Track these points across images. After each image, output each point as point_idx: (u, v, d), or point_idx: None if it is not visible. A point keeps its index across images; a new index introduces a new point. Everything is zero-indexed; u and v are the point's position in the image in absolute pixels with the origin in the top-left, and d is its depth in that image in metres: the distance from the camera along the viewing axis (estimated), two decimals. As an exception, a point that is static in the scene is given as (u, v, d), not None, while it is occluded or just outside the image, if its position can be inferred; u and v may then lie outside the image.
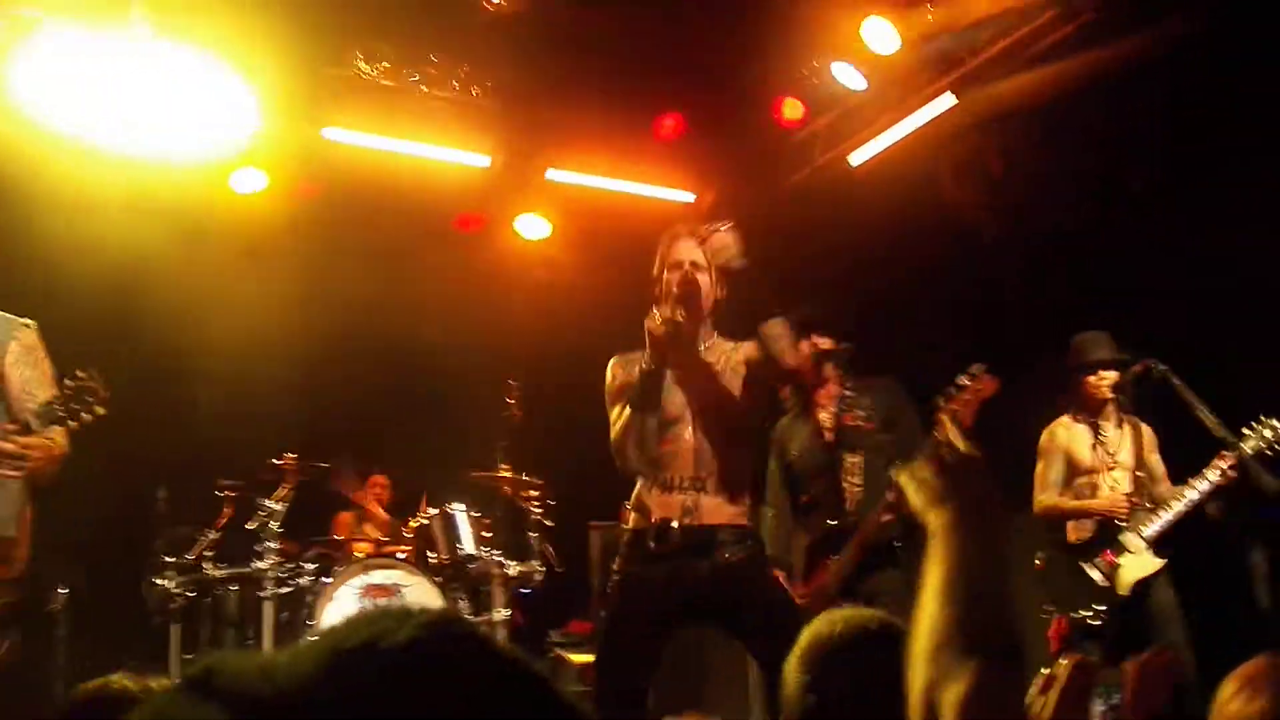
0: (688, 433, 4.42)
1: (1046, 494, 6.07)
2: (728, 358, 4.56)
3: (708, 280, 4.51)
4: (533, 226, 8.61)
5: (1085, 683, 1.76)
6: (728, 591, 4.35)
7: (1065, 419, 6.16)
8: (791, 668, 2.14)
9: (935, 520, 1.68)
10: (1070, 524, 6.03)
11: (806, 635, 2.19)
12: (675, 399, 4.44)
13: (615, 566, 4.56)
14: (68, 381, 4.05)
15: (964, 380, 4.70)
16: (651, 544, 4.34)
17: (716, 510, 4.39)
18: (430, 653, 0.66)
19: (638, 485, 4.50)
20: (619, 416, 4.42)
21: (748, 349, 4.54)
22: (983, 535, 1.64)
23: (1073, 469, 6.08)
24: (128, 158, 6.77)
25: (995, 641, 1.51)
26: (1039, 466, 6.15)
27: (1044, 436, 6.18)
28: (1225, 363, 5.96)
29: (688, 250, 4.52)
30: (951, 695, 1.43)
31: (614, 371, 4.56)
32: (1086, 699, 1.74)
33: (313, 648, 0.69)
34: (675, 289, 4.40)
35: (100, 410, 4.03)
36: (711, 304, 4.55)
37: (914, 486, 1.75)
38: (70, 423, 4.07)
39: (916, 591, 1.64)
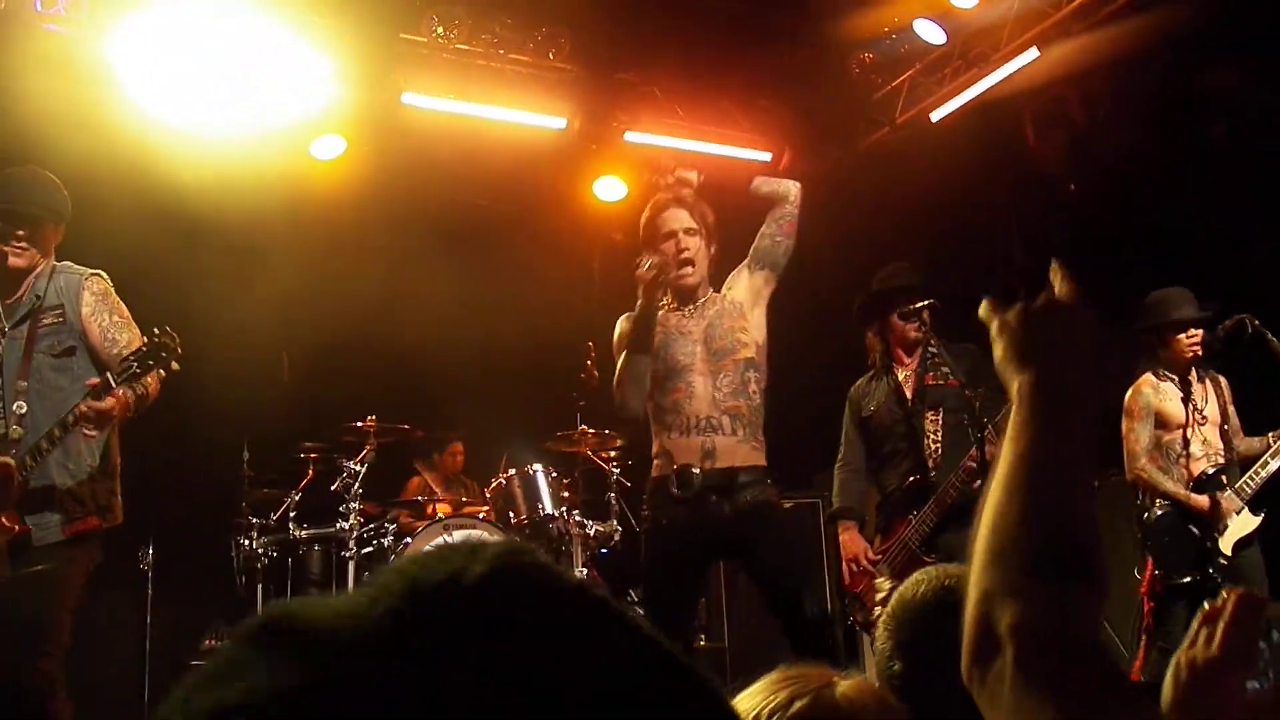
0: (699, 379, 4.58)
1: (1141, 462, 5.97)
2: (725, 299, 4.74)
3: (699, 241, 4.66)
4: (610, 189, 8.59)
5: (1254, 617, 1.62)
6: (746, 531, 4.52)
7: (1149, 377, 6.05)
8: (880, 631, 2.13)
9: (1016, 383, 1.38)
10: (1166, 483, 5.94)
11: (895, 599, 2.17)
12: (683, 348, 4.62)
13: (644, 513, 4.69)
14: (143, 339, 4.11)
15: None
16: (675, 490, 4.42)
17: (734, 450, 4.55)
18: (510, 587, 0.63)
19: (657, 435, 4.62)
20: (619, 360, 4.62)
21: (744, 280, 4.67)
22: (1069, 413, 1.34)
23: (1162, 426, 6.00)
24: (211, 124, 6.86)
25: (1065, 555, 1.26)
26: (1126, 427, 6.05)
27: (1129, 396, 6.08)
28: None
29: (676, 218, 4.68)
30: (1010, 616, 1.21)
31: (620, 327, 4.74)
32: (1256, 634, 1.60)
33: (387, 587, 0.64)
34: (674, 261, 4.65)
35: (175, 366, 4.09)
36: (709, 262, 4.72)
37: (997, 334, 1.44)
38: (147, 380, 4.14)
39: None
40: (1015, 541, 1.26)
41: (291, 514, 7.00)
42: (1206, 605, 1.61)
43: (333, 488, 6.91)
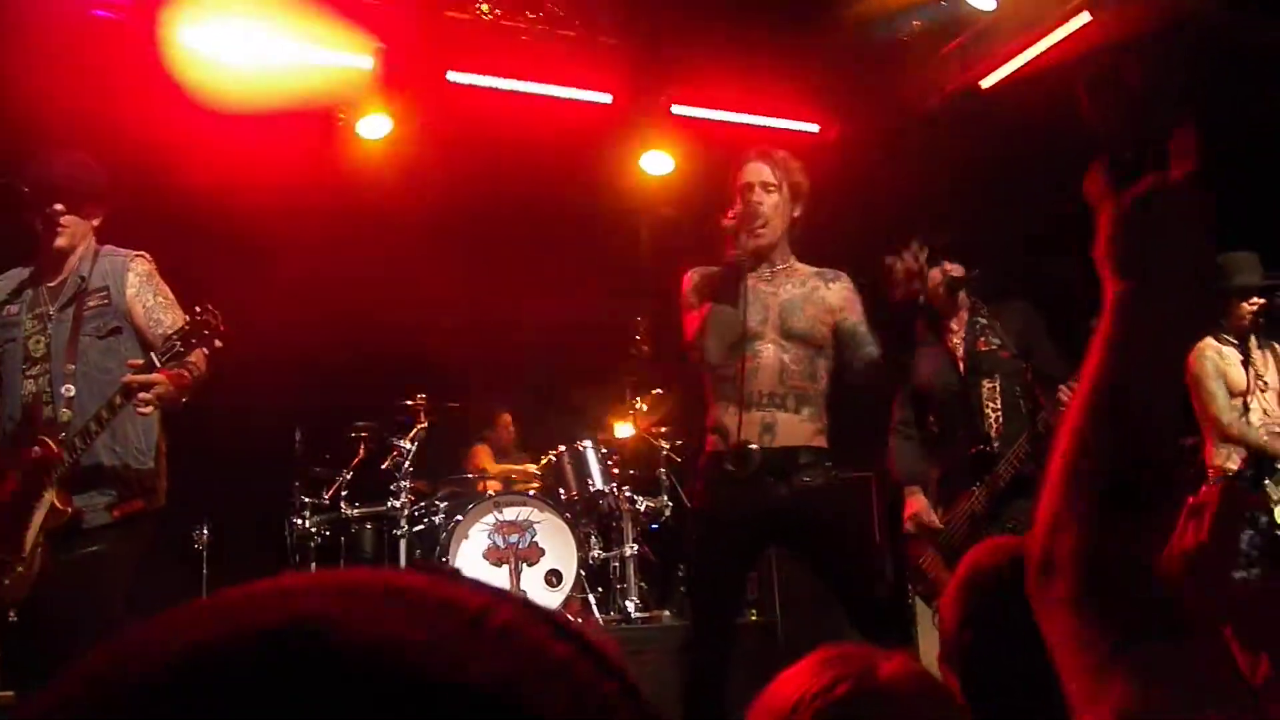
0: (767, 349, 4.39)
1: (1227, 418, 5.90)
2: (813, 287, 4.52)
3: (776, 199, 4.49)
4: (657, 163, 8.55)
5: (1237, 508, 1.65)
6: (804, 516, 4.33)
7: (1210, 341, 5.96)
8: (947, 601, 2.09)
9: (1112, 290, 1.22)
10: (1220, 451, 5.87)
11: (963, 568, 2.13)
12: (755, 315, 4.41)
13: (695, 489, 4.56)
14: (185, 317, 4.12)
15: None
16: (730, 467, 4.31)
17: (796, 429, 4.35)
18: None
19: (715, 407, 4.46)
20: (697, 314, 4.41)
21: (838, 297, 4.52)
22: (1168, 334, 1.21)
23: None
24: (258, 104, 6.88)
25: (1136, 485, 1.18)
26: (1202, 392, 5.96)
27: (1194, 364, 5.99)
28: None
29: (755, 171, 4.52)
30: (1068, 543, 1.17)
31: (689, 278, 4.58)
32: (1238, 524, 1.64)
33: None
34: (745, 216, 4.42)
35: (218, 344, 4.09)
36: (787, 221, 4.54)
37: (1103, 221, 1.27)
38: (193, 355, 4.15)
39: None
40: (1087, 467, 1.19)
41: (343, 493, 7.05)
42: (1190, 499, 1.64)
43: (383, 466, 6.95)
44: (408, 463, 6.89)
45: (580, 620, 6.69)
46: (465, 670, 0.51)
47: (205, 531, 6.93)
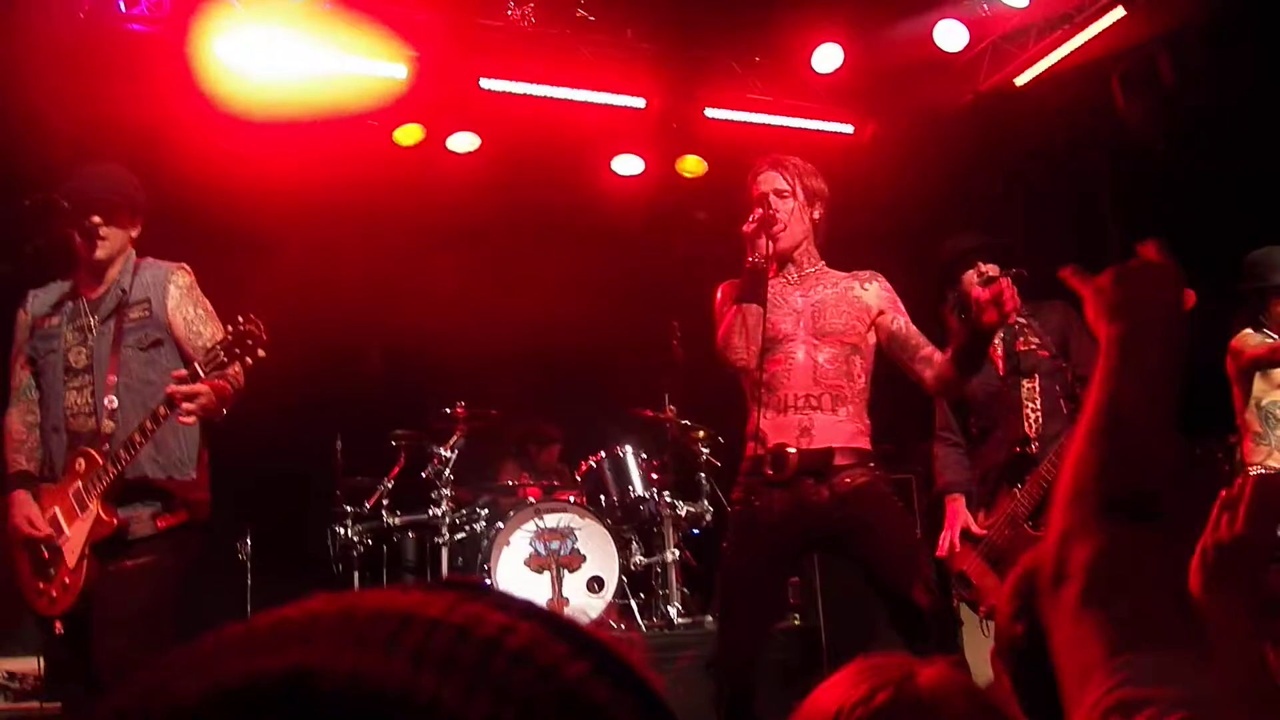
0: (799, 351, 4.36)
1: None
2: (846, 287, 4.50)
3: (791, 204, 4.49)
4: (691, 166, 8.54)
5: (1271, 500, 1.65)
6: (848, 517, 4.26)
7: (1249, 331, 5.88)
8: (1004, 595, 2.09)
9: (1106, 334, 1.44)
10: (1260, 448, 5.79)
11: (1020, 564, 2.13)
12: (785, 318, 4.40)
13: (733, 496, 4.53)
14: (229, 327, 4.13)
15: None
16: (769, 470, 4.28)
17: (834, 430, 4.30)
18: None
19: (752, 412, 4.44)
20: (725, 319, 4.41)
21: (875, 297, 4.49)
22: (1154, 363, 1.40)
23: (1264, 384, 5.85)
24: (292, 115, 6.92)
25: (1136, 489, 1.30)
26: (1241, 385, 5.89)
27: (1236, 347, 5.92)
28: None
29: (768, 180, 4.52)
30: (1080, 552, 1.26)
31: (721, 290, 4.57)
32: (1273, 515, 1.64)
33: None
34: (763, 220, 4.39)
35: (261, 354, 4.09)
36: (806, 225, 4.54)
37: (1092, 295, 1.50)
38: (235, 368, 4.16)
39: None
40: (1093, 483, 1.30)
41: (384, 502, 7.07)
42: (1224, 492, 1.66)
43: (424, 474, 6.97)
44: (448, 470, 6.91)
45: (616, 625, 6.69)
46: (464, 708, 0.53)
47: (248, 543, 6.96)
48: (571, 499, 7.04)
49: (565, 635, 0.59)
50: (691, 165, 8.48)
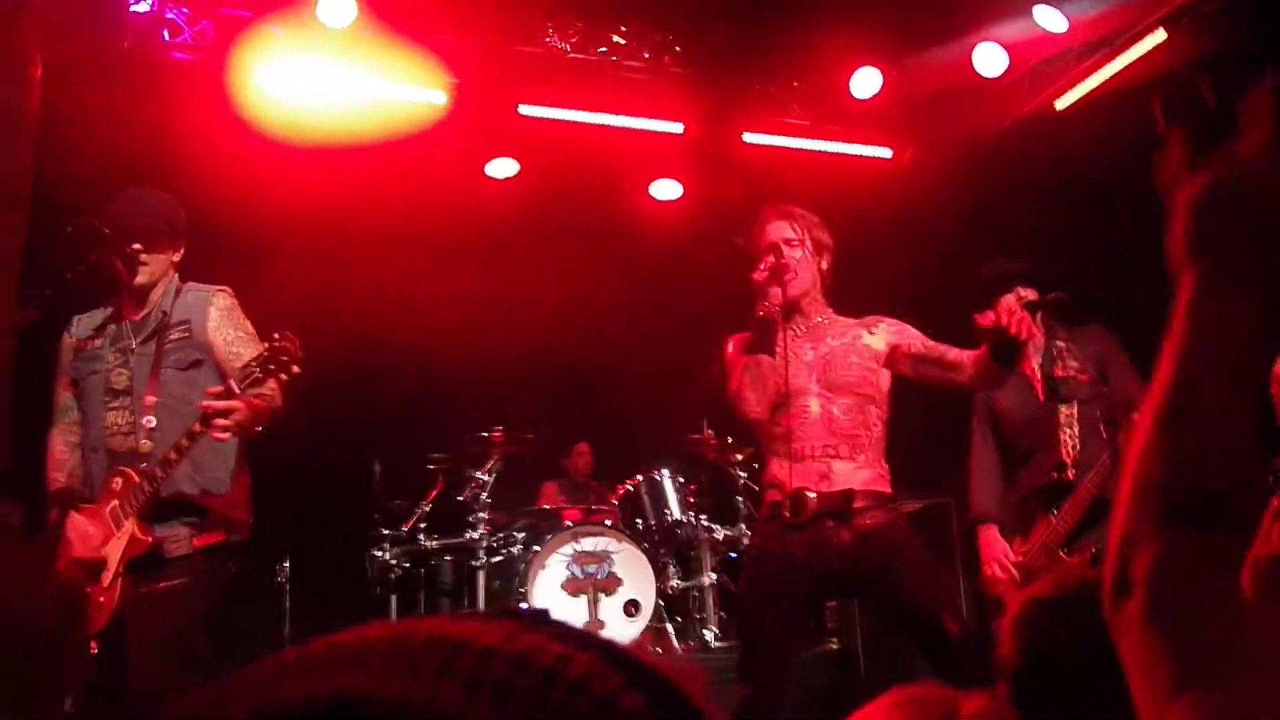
0: (814, 404, 4.34)
1: None
2: (855, 336, 4.49)
3: (800, 253, 4.50)
4: (730, 190, 8.55)
5: None
6: (870, 558, 4.22)
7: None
8: (1007, 627, 2.07)
9: (1183, 278, 1.14)
10: None
11: (1028, 594, 2.11)
12: (796, 371, 4.38)
13: (750, 543, 4.50)
14: (264, 345, 4.15)
15: None
16: (787, 514, 4.25)
17: (852, 474, 4.27)
18: None
19: (770, 462, 4.44)
20: (737, 372, 4.40)
21: (883, 339, 4.48)
22: (1239, 327, 1.11)
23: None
24: (333, 141, 6.99)
25: (1209, 491, 1.09)
26: None
27: (1279, 366, 5.85)
28: None
29: (777, 230, 4.54)
30: (1143, 559, 1.09)
31: (731, 343, 4.58)
32: None
33: None
34: (772, 264, 4.42)
35: (296, 370, 4.11)
36: (814, 275, 4.54)
37: (1178, 201, 1.19)
38: (271, 384, 4.18)
39: None
40: (1155, 480, 1.11)
41: (422, 525, 7.09)
42: (1275, 501, 1.57)
43: (461, 498, 6.99)
44: (485, 494, 6.93)
45: (661, 652, 6.67)
46: None
47: (287, 565, 7.00)
48: (609, 522, 7.04)
49: (622, 666, 0.59)
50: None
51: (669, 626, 6.85)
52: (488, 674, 0.55)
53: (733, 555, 7.23)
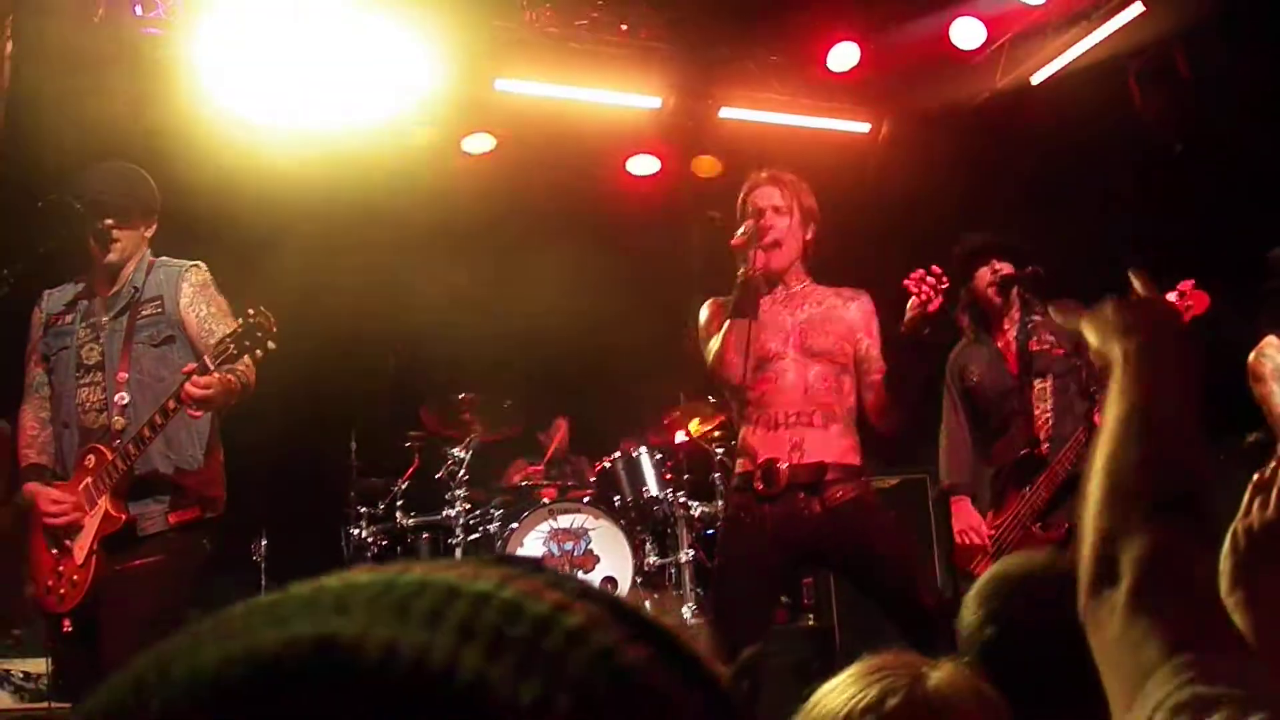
0: (790, 369, 4.35)
1: None
2: (832, 305, 4.50)
3: (787, 221, 4.49)
4: (707, 167, 8.53)
5: None
6: (841, 531, 4.25)
7: (1273, 339, 5.81)
8: (971, 599, 2.07)
9: (1116, 351, 1.49)
10: None
11: (989, 574, 2.12)
12: (774, 336, 4.39)
13: (724, 511, 4.51)
14: (239, 320, 4.12)
15: (1171, 297, 4.55)
16: (759, 485, 4.25)
17: (825, 446, 4.29)
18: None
19: (742, 429, 4.44)
20: (718, 335, 4.39)
21: (857, 315, 4.49)
22: (1169, 367, 1.45)
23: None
24: (307, 119, 6.94)
25: (1178, 490, 1.32)
26: (1261, 392, 5.81)
27: (1253, 359, 5.84)
28: None
29: (766, 195, 4.52)
30: (1133, 550, 1.26)
31: (708, 308, 4.58)
32: None
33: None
34: (754, 233, 4.41)
35: (271, 346, 4.08)
36: (800, 244, 4.53)
37: (1094, 326, 1.56)
38: (244, 361, 4.15)
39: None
40: (1134, 484, 1.32)
41: (398, 502, 7.08)
42: (1256, 475, 1.63)
43: (438, 475, 6.98)
44: (462, 471, 6.92)
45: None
46: (513, 688, 0.49)
47: (263, 543, 6.98)
48: (586, 499, 7.04)
49: (626, 619, 0.56)
50: (707, 166, 8.46)
51: (646, 603, 6.84)
52: (480, 621, 0.51)
53: (710, 532, 7.23)
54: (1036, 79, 7.74)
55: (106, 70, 6.50)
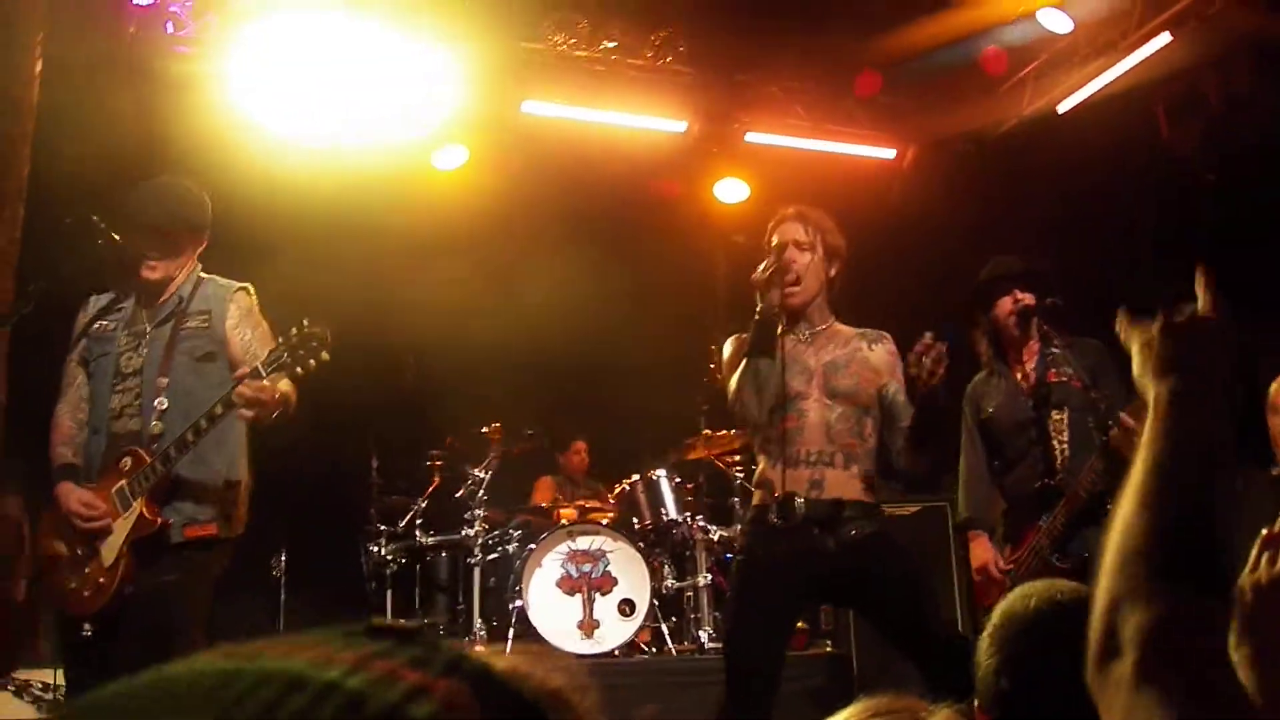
0: (813, 409, 4.34)
1: None
2: (855, 348, 4.48)
3: (810, 258, 4.48)
4: (731, 190, 8.55)
5: None
6: (856, 568, 4.21)
7: (1295, 373, 5.77)
8: (984, 646, 2.05)
9: (1154, 393, 1.39)
10: None
11: (999, 612, 2.10)
12: (797, 375, 4.37)
13: (738, 544, 4.49)
14: (293, 330, 4.12)
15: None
16: (775, 519, 4.24)
17: (844, 485, 4.27)
18: None
19: (762, 463, 4.43)
20: (736, 373, 4.38)
21: (881, 359, 4.48)
22: (1206, 421, 1.35)
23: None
24: (335, 138, 6.98)
25: (1195, 564, 1.26)
26: (1276, 424, 5.77)
27: (1275, 390, 5.81)
28: None
29: (791, 230, 4.51)
30: (1135, 621, 1.22)
31: (731, 344, 4.56)
32: None
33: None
34: (776, 270, 4.38)
35: (325, 356, 4.09)
36: (822, 282, 4.52)
37: (1138, 349, 1.46)
38: (297, 369, 4.15)
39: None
40: (1144, 548, 1.27)
41: (418, 521, 7.10)
42: (1265, 531, 1.61)
43: (457, 495, 6.99)
44: (481, 491, 6.93)
45: (645, 649, 6.67)
46: None
47: (283, 559, 7.00)
48: (605, 521, 7.04)
49: (491, 699, 0.53)
50: (731, 190, 8.48)
51: (664, 627, 6.83)
52: (318, 715, 0.49)
53: (728, 556, 7.20)
54: (1063, 108, 7.73)
55: (136, 87, 6.55)
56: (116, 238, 4.33)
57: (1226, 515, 1.31)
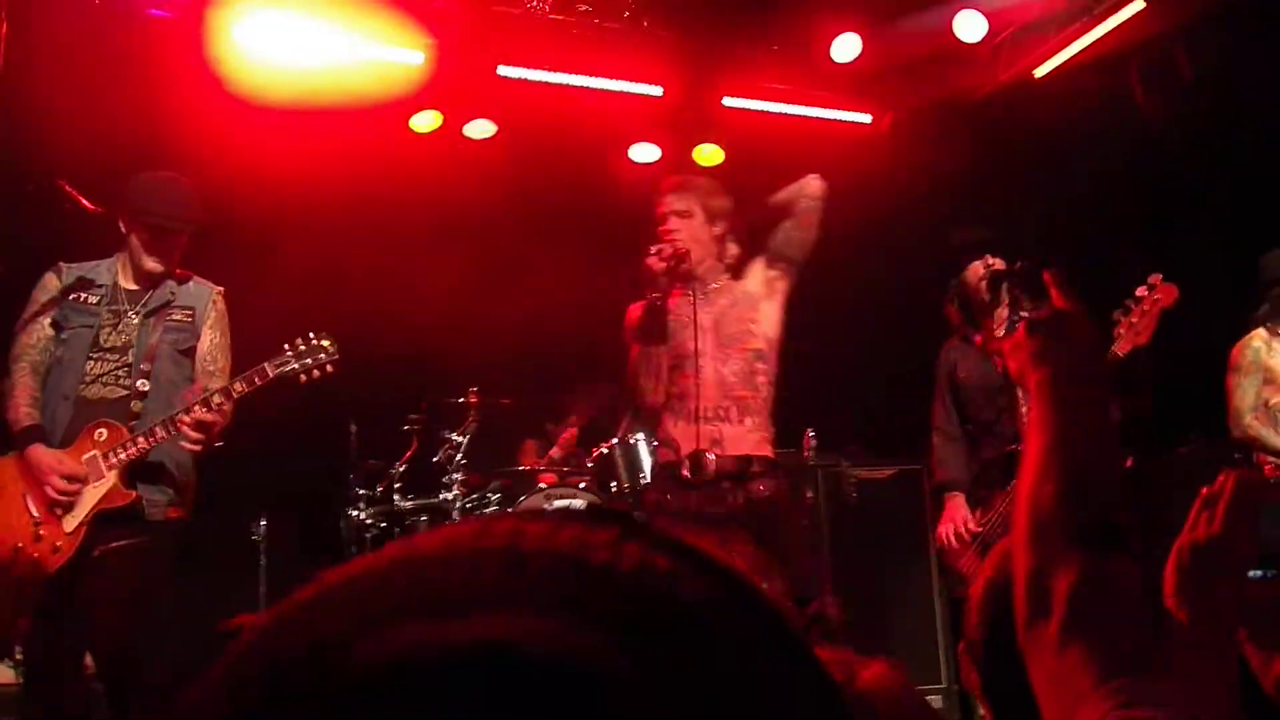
0: (706, 366, 4.44)
1: (1247, 419, 5.77)
2: (739, 291, 4.58)
3: (693, 223, 4.57)
4: (710, 155, 8.54)
5: (1251, 498, 1.66)
6: (757, 523, 4.34)
7: (1262, 333, 5.83)
8: (970, 609, 2.10)
9: (1029, 382, 1.55)
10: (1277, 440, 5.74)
11: (979, 583, 2.14)
12: (690, 336, 4.48)
13: (647, 498, 4.61)
14: (300, 340, 4.24)
15: (1141, 291, 4.57)
16: (686, 474, 4.34)
17: (743, 439, 4.44)
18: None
19: (662, 421, 4.52)
20: (631, 354, 4.50)
21: (756, 277, 4.57)
22: (1082, 394, 1.49)
23: (1270, 384, 5.78)
24: (309, 102, 6.94)
25: (1100, 520, 1.35)
26: (1231, 382, 5.84)
27: (1237, 351, 5.87)
28: None
29: (668, 202, 4.63)
30: (1061, 585, 1.30)
31: (632, 313, 4.66)
32: (1253, 515, 1.64)
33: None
34: (657, 257, 4.61)
35: (330, 369, 4.23)
36: (704, 243, 4.61)
37: (1010, 350, 1.62)
38: (301, 378, 4.26)
39: None
40: (1056, 518, 1.35)
41: (396, 485, 7.11)
42: (1204, 490, 1.69)
43: (435, 459, 7.01)
44: (459, 455, 6.94)
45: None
46: (590, 651, 0.46)
47: (263, 524, 7.01)
48: (582, 485, 7.07)
49: (679, 553, 0.53)
50: (708, 155, 8.46)
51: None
52: (625, 609, 0.48)
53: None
54: (1039, 73, 7.75)
55: (109, 55, 6.48)
56: (88, 204, 4.34)
57: (1119, 480, 1.44)
